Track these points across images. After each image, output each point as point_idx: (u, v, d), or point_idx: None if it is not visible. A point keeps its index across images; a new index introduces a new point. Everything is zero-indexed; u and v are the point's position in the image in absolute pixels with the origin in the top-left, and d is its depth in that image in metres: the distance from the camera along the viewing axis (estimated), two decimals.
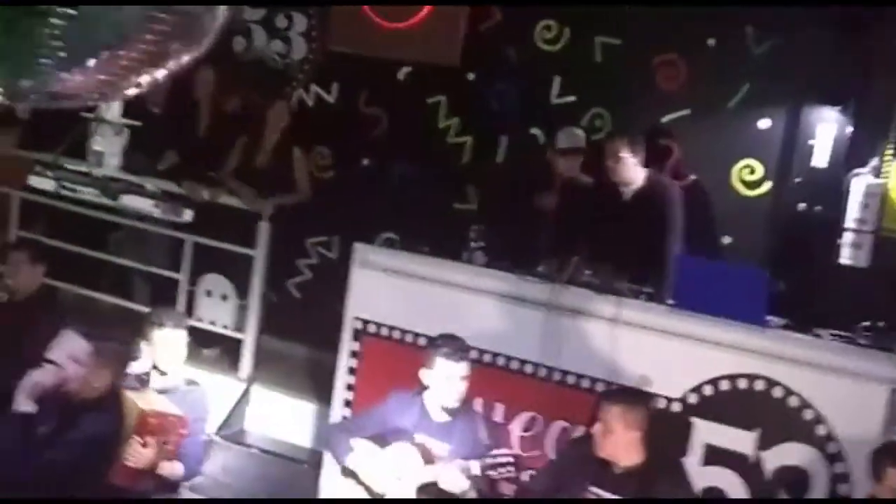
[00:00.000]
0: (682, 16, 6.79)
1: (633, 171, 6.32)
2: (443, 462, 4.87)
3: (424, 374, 5.08)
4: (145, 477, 4.90)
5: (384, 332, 6.01)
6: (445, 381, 5.02)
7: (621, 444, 4.70)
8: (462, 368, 5.04)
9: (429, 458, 4.91)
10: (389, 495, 4.92)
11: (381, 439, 5.08)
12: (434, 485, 4.87)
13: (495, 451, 4.90)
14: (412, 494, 4.88)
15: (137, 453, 4.81)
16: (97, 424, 4.86)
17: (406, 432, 5.05)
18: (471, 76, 7.51)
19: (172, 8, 2.77)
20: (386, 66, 7.68)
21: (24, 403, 4.91)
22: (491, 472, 4.83)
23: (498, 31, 7.43)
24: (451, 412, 5.07)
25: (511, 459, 4.82)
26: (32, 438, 4.85)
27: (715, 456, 5.19)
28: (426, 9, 7.45)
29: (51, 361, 5.02)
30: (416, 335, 5.88)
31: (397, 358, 5.85)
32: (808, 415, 5.04)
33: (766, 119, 6.71)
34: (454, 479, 4.80)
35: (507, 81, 7.41)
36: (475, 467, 4.80)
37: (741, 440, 5.14)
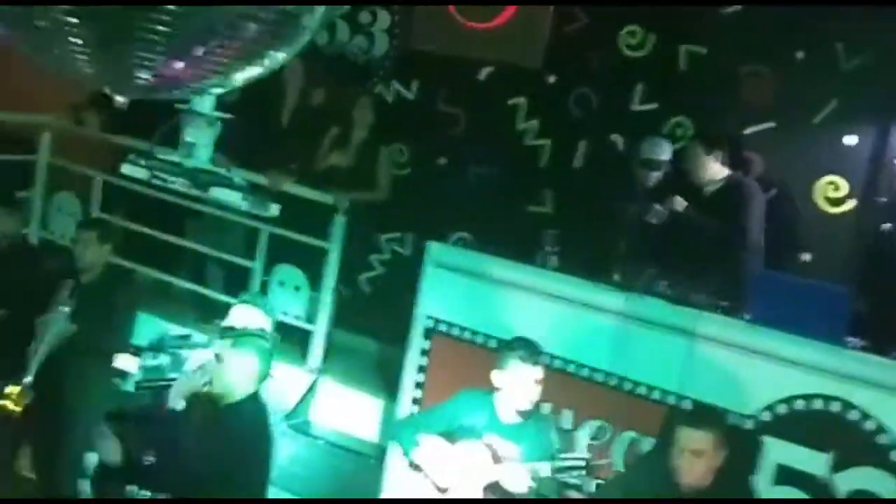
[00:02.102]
0: (771, 27, 6.70)
1: (712, 170, 6.28)
2: (510, 463, 4.87)
3: (496, 376, 5.07)
4: None
5: (455, 331, 6.01)
6: (520, 383, 5.00)
7: (711, 467, 4.61)
8: (537, 372, 5.02)
9: (497, 459, 4.91)
10: (455, 492, 4.93)
11: (450, 436, 5.09)
12: (498, 484, 4.87)
13: (567, 455, 4.88)
14: (478, 493, 4.89)
15: None
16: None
17: (475, 431, 5.05)
18: (552, 79, 7.48)
19: (272, 7, 2.79)
20: (467, 66, 7.68)
21: (176, 401, 4.96)
22: (562, 475, 4.82)
23: (582, 34, 7.39)
24: (522, 415, 5.06)
25: (583, 463, 4.80)
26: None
27: (786, 476, 5.11)
28: (510, 9, 7.44)
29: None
30: (487, 336, 5.87)
31: (466, 358, 5.86)
32: (883, 439, 4.94)
33: (852, 136, 6.59)
34: (518, 480, 4.80)
35: (588, 86, 7.37)
36: (545, 469, 4.80)
37: (814, 461, 5.05)
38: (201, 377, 4.94)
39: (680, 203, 6.26)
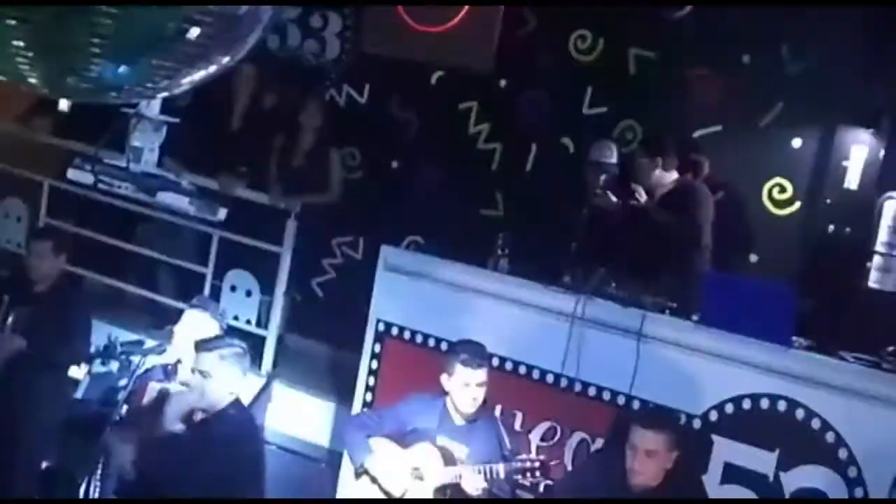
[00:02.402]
0: (718, 32, 6.78)
1: (656, 176, 6.36)
2: (463, 464, 4.90)
3: (445, 380, 5.10)
4: None
5: (406, 335, 6.01)
6: (464, 387, 5.04)
7: (662, 467, 4.66)
8: (480, 375, 5.06)
9: (450, 460, 4.94)
10: (407, 496, 4.94)
11: (401, 440, 5.11)
12: (454, 486, 4.89)
13: (523, 456, 4.92)
14: (430, 495, 4.91)
15: None
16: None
17: (427, 434, 5.07)
18: (503, 83, 7.51)
19: (214, 10, 2.78)
20: (419, 70, 7.69)
21: (174, 423, 4.93)
22: (517, 477, 4.87)
23: (532, 38, 7.44)
24: (469, 417, 5.09)
25: (538, 465, 4.84)
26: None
27: (734, 475, 5.16)
28: (461, 13, 7.45)
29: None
30: (438, 340, 5.88)
31: (418, 361, 5.86)
32: (829, 437, 5.00)
33: (798, 138, 6.69)
34: (475, 481, 4.83)
35: (539, 90, 7.41)
36: (501, 471, 4.84)
37: (761, 460, 5.10)
38: (194, 395, 4.91)
39: (641, 193, 6.30)
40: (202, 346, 4.99)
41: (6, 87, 3.19)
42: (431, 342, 5.92)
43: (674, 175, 6.49)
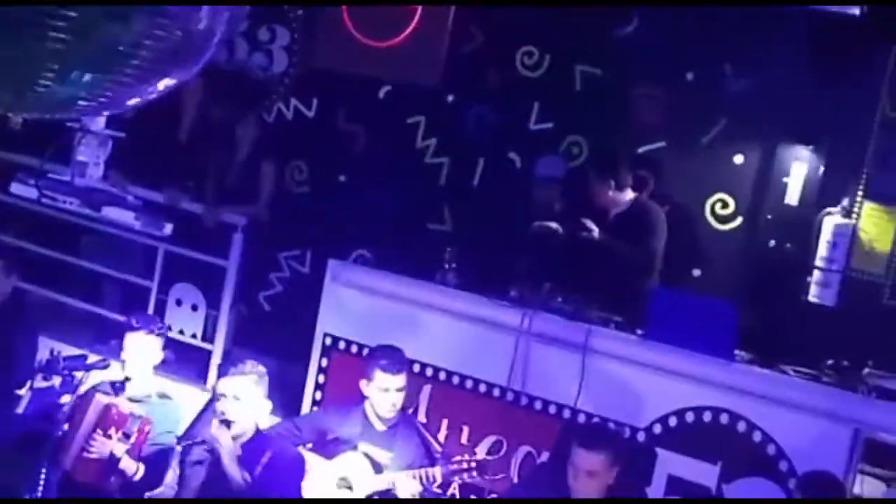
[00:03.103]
0: (663, 49, 6.87)
1: (616, 198, 6.40)
2: (392, 470, 4.93)
3: (364, 386, 5.14)
4: (107, 472, 4.92)
5: (353, 349, 6.02)
6: (384, 392, 5.08)
7: (604, 485, 4.71)
8: (399, 380, 5.12)
9: (377, 468, 4.95)
10: None
11: (323, 449, 5.11)
12: (388, 492, 4.91)
13: (459, 457, 4.97)
14: None
15: (100, 444, 4.85)
16: None
17: (349, 441, 5.09)
18: (450, 98, 7.55)
19: (170, 24, 2.77)
20: (366, 84, 7.69)
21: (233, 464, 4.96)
22: (455, 478, 4.92)
23: (479, 54, 7.46)
24: (389, 422, 5.13)
25: (474, 465, 4.90)
26: None
27: (677, 487, 5.22)
28: (409, 28, 7.46)
29: None
30: None
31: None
32: (770, 450, 5.09)
33: (740, 154, 6.78)
34: (409, 487, 4.86)
35: (486, 105, 7.45)
36: (437, 474, 4.88)
37: (704, 472, 5.18)
38: (227, 428, 4.89)
39: (592, 227, 6.33)
40: (231, 370, 5.03)
41: None
42: None
43: (628, 194, 6.51)
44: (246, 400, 4.95)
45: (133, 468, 5.01)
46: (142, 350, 5.27)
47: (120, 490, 5.05)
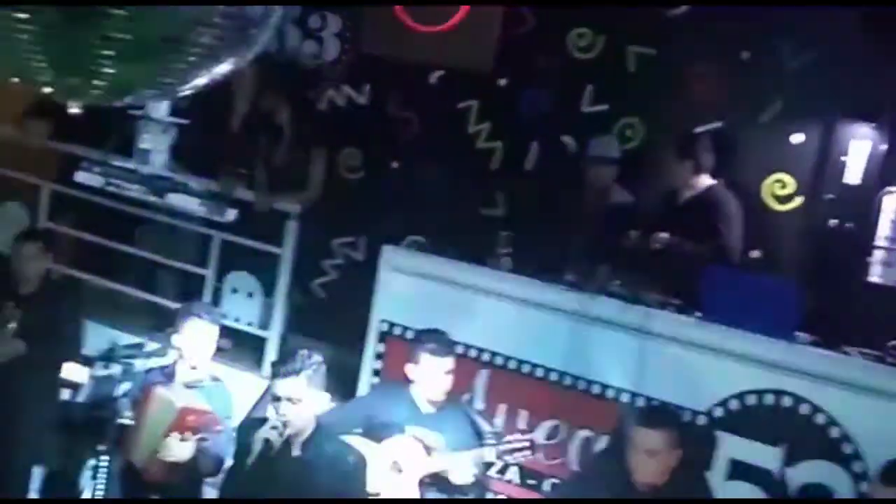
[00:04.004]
0: (717, 28, 6.78)
1: (691, 181, 6.33)
2: (444, 452, 4.91)
3: (410, 369, 5.15)
4: (179, 471, 4.96)
5: (409, 334, 6.00)
6: (431, 375, 5.07)
7: (666, 466, 4.66)
8: (447, 363, 5.11)
9: (428, 450, 4.95)
10: (390, 491, 4.94)
11: (372, 433, 5.10)
12: (438, 476, 4.90)
13: (510, 437, 4.97)
14: (414, 488, 4.89)
15: (178, 448, 4.87)
16: None
17: (398, 425, 5.08)
18: (502, 82, 7.50)
19: (226, 11, 2.77)
20: (418, 70, 7.68)
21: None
22: (508, 458, 4.98)
23: (531, 37, 7.41)
24: (437, 405, 5.14)
25: (527, 444, 4.89)
26: None
27: (739, 471, 5.16)
28: (459, 13, 7.44)
29: None
30: None
31: None
32: (834, 432, 5.01)
33: (798, 134, 6.68)
34: (463, 469, 4.85)
35: (538, 88, 7.40)
36: (490, 454, 4.87)
37: (766, 456, 5.11)
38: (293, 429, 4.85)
39: (663, 238, 6.23)
40: (283, 370, 4.88)
41: (4, 90, 3.19)
42: None
43: (706, 180, 6.43)
44: (302, 401, 4.81)
45: (205, 465, 5.05)
46: (200, 338, 5.29)
47: (183, 483, 5.09)
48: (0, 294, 5.97)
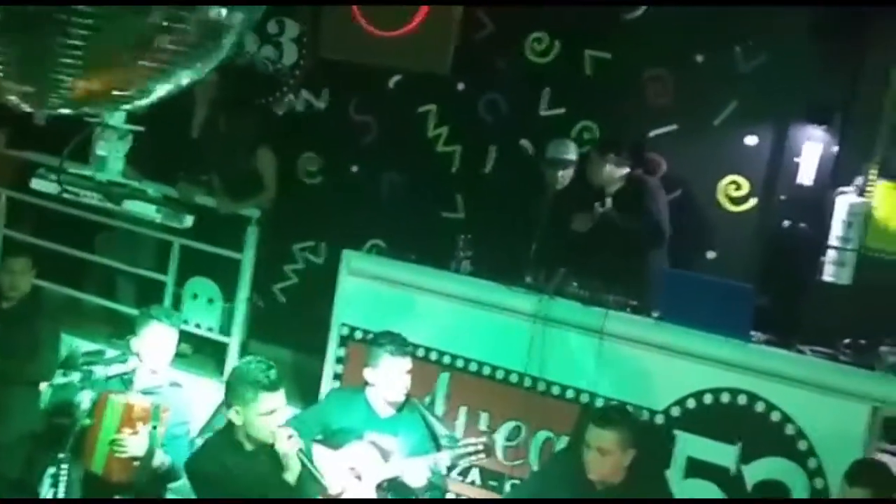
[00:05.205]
0: (671, 32, 6.85)
1: (608, 173, 6.42)
2: (399, 457, 4.94)
3: (368, 372, 5.17)
4: (139, 469, 4.95)
5: (370, 338, 6.02)
6: (392, 376, 5.10)
7: (618, 465, 4.72)
8: (405, 363, 5.15)
9: (385, 455, 4.98)
10: (347, 496, 4.97)
11: (329, 440, 5.13)
12: (396, 480, 4.93)
13: (466, 441, 5.01)
14: (371, 493, 4.93)
15: (131, 443, 4.87)
16: None
17: (354, 431, 5.11)
18: (461, 86, 7.54)
19: (188, 17, 2.78)
20: (376, 74, 7.70)
21: None
22: (463, 461, 5.04)
23: (489, 41, 7.46)
24: (396, 406, 5.18)
25: (481, 447, 4.93)
26: None
27: (697, 469, 5.23)
28: (417, 17, 7.46)
29: None
30: None
31: None
32: (789, 430, 5.09)
33: (752, 136, 6.77)
34: (418, 474, 4.89)
35: (496, 92, 7.45)
36: (446, 459, 4.92)
37: (723, 454, 5.19)
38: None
39: (606, 206, 6.37)
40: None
41: None
42: None
43: (624, 170, 6.53)
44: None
45: (160, 459, 5.04)
46: (160, 343, 5.28)
47: (148, 484, 5.08)
48: None
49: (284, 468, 4.60)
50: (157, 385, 5.28)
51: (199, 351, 7.18)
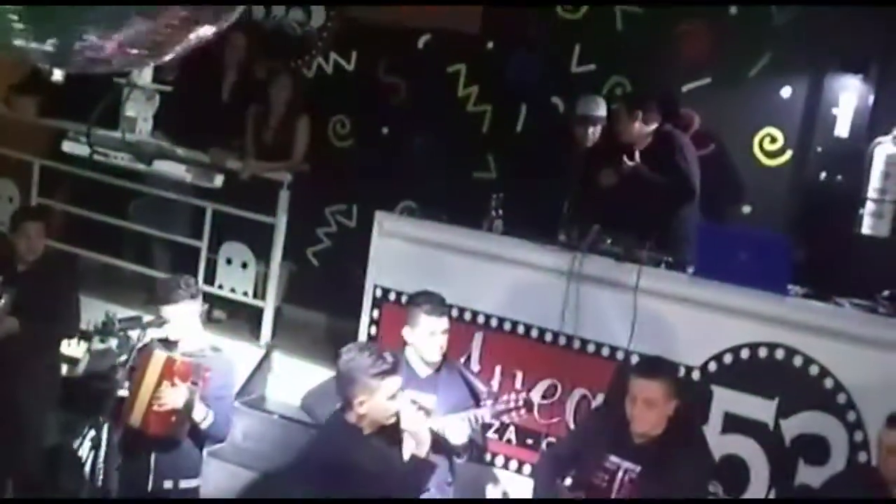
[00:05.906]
0: None
1: (636, 129, 6.38)
2: (439, 414, 4.95)
3: (407, 332, 5.17)
4: (180, 420, 4.98)
5: (404, 299, 6.02)
6: (429, 336, 5.11)
7: (662, 416, 4.67)
8: (444, 322, 5.14)
9: (427, 413, 4.98)
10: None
11: None
12: (438, 436, 4.92)
13: (505, 397, 5.01)
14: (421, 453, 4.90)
15: (169, 394, 4.90)
16: None
17: None
18: (490, 45, 7.48)
19: None
20: (405, 34, 7.65)
21: None
22: (503, 418, 5.06)
23: None
24: (433, 366, 5.17)
25: (521, 403, 4.93)
26: None
27: (734, 424, 5.21)
28: None
29: None
30: None
31: None
32: (827, 383, 5.05)
33: (787, 88, 6.67)
34: (458, 430, 4.90)
35: (526, 50, 7.38)
36: (486, 415, 4.92)
37: (761, 408, 5.15)
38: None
39: (630, 163, 6.33)
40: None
41: None
42: None
43: (653, 126, 6.46)
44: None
45: (203, 413, 5.06)
46: (183, 316, 5.24)
47: (190, 437, 5.11)
48: None
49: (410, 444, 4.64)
50: (200, 349, 5.31)
51: (234, 316, 7.22)
